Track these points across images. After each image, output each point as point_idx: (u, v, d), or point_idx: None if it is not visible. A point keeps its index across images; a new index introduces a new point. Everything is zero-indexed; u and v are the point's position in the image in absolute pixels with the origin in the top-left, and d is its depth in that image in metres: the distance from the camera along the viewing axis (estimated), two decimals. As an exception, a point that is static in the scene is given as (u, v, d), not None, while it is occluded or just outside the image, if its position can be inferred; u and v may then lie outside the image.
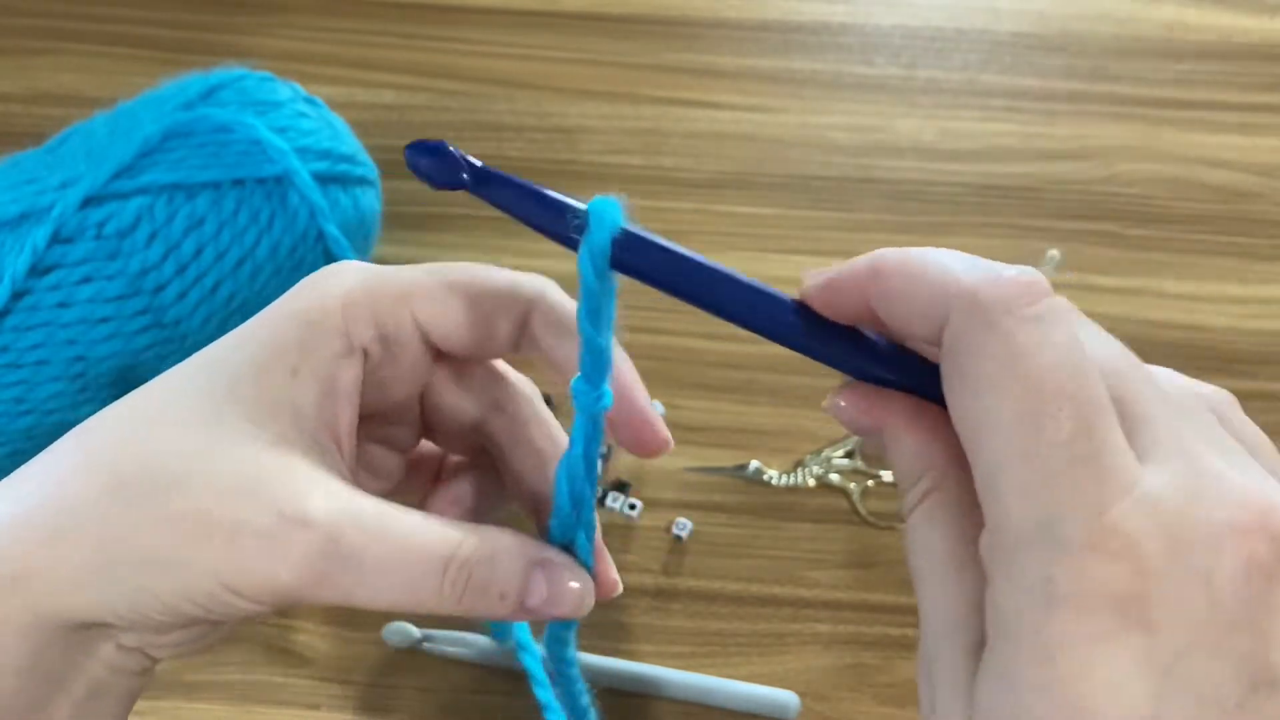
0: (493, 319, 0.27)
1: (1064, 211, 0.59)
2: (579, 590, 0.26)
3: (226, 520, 0.23)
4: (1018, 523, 0.19)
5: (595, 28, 0.66)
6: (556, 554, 0.26)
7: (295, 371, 0.25)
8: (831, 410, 0.25)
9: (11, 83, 0.62)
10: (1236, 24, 0.66)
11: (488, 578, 0.24)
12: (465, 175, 0.24)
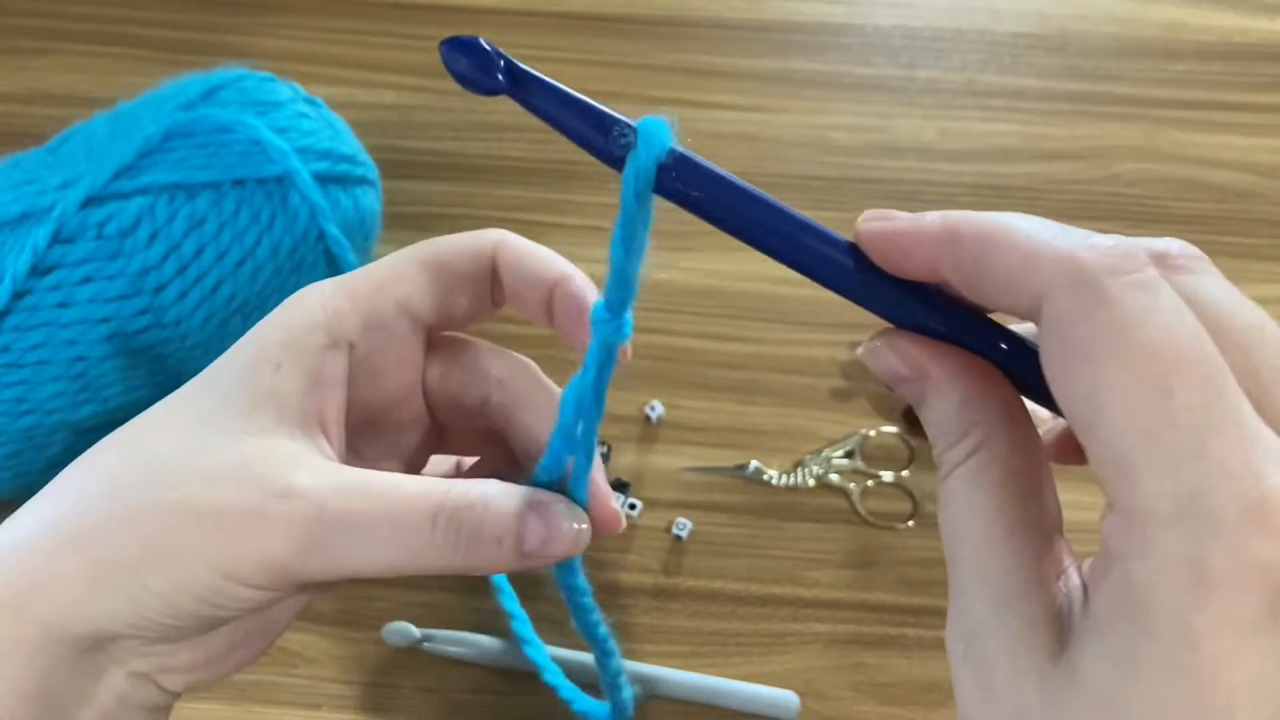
0: (464, 280, 0.28)
1: (1064, 211, 0.59)
2: (575, 527, 0.26)
3: (213, 506, 0.23)
4: (1157, 498, 0.18)
5: (595, 28, 0.66)
6: (548, 495, 0.26)
7: (279, 366, 0.25)
8: (869, 355, 0.24)
9: (12, 83, 0.62)
10: (1236, 24, 0.66)
11: (479, 523, 0.24)
12: (501, 77, 0.23)
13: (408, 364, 0.28)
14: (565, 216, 0.58)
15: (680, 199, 0.23)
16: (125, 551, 0.23)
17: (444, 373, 0.29)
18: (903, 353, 0.23)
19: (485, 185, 0.59)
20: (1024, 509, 0.21)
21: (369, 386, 0.27)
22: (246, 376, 0.25)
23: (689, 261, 0.57)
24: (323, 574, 0.24)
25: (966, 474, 0.22)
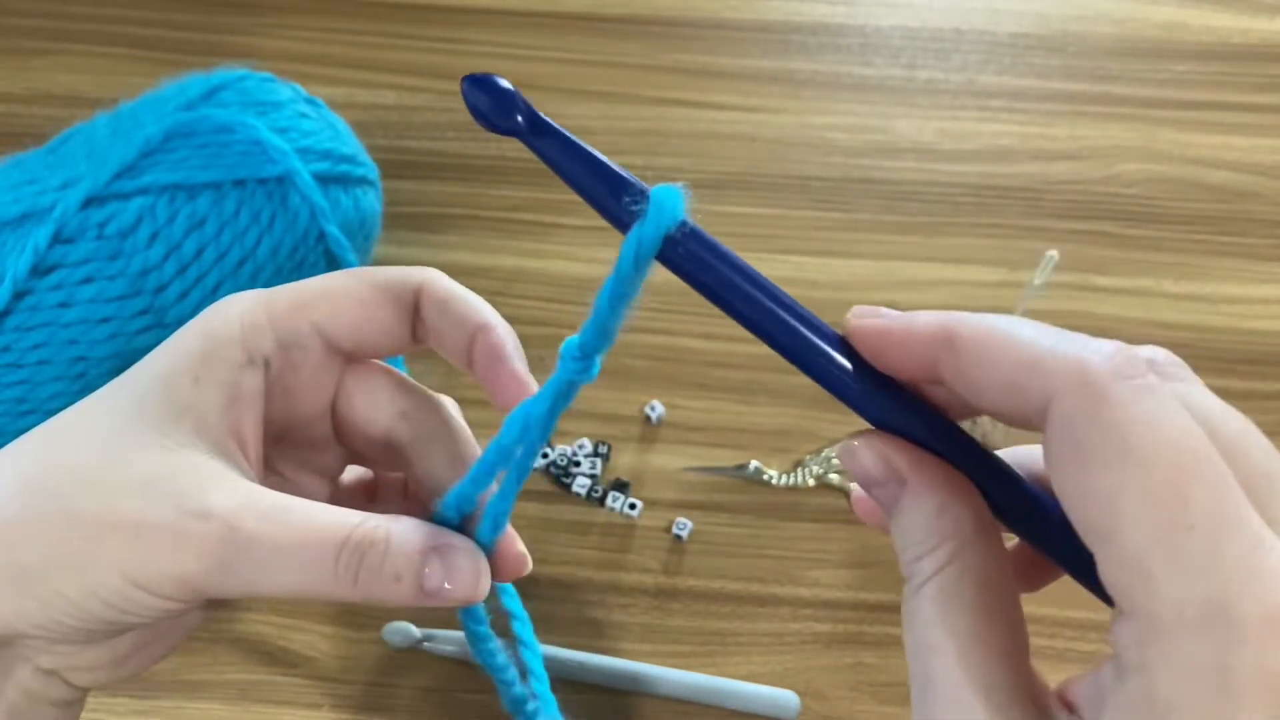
0: (385, 312, 0.28)
1: (1063, 212, 0.59)
2: (476, 575, 0.26)
3: (129, 517, 0.24)
4: (1179, 605, 0.18)
5: (595, 28, 0.66)
6: (456, 537, 0.26)
7: (197, 380, 0.26)
8: (845, 455, 0.23)
9: (12, 83, 0.62)
10: (1235, 24, 0.66)
11: (380, 560, 0.25)
12: (521, 119, 0.23)
13: (322, 386, 0.28)
14: (565, 217, 0.58)
15: (678, 271, 0.23)
16: (38, 555, 0.24)
17: (350, 400, 0.29)
18: (882, 455, 0.23)
19: (485, 185, 0.59)
20: (999, 625, 0.21)
21: (283, 404, 0.28)
22: (166, 387, 0.26)
23: (689, 262, 0.57)
24: (230, 592, 0.24)
25: (940, 586, 0.21)
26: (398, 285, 0.28)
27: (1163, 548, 0.18)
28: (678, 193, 0.22)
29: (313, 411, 0.29)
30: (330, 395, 0.29)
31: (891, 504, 0.23)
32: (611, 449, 0.51)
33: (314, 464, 0.30)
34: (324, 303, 0.27)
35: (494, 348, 0.28)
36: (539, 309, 0.55)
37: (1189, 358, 0.21)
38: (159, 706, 0.44)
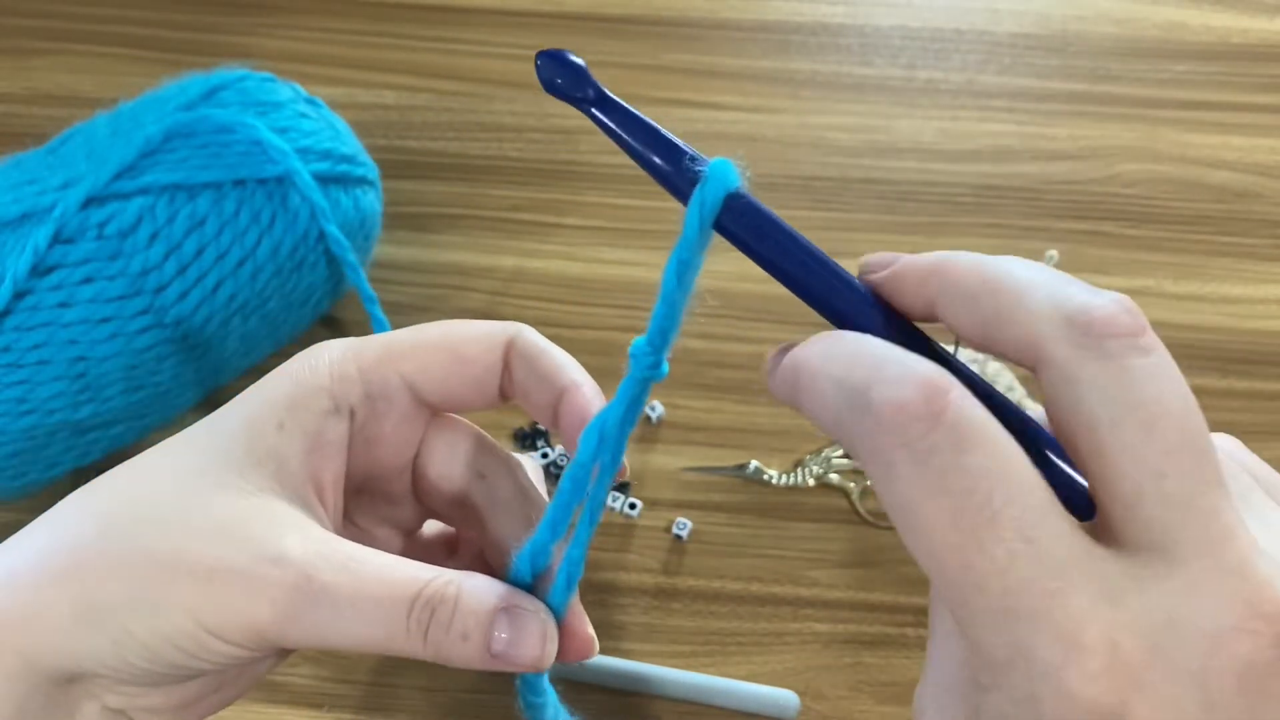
0: (475, 367, 0.28)
1: (1063, 212, 0.59)
2: (541, 638, 0.25)
3: (203, 560, 0.24)
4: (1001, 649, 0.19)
5: (595, 28, 0.66)
6: (527, 599, 0.26)
7: (282, 426, 0.26)
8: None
9: (12, 83, 0.62)
10: (1235, 25, 0.66)
11: (449, 617, 0.24)
12: (591, 92, 0.24)
13: (405, 440, 0.28)
14: (565, 217, 0.58)
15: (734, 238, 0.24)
16: (112, 594, 0.23)
17: (431, 456, 0.29)
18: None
19: (485, 185, 0.59)
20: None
21: (365, 455, 0.28)
22: (250, 431, 0.25)
23: (689, 261, 0.57)
24: (300, 642, 0.24)
25: None
26: (488, 340, 0.28)
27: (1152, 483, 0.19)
28: (731, 165, 0.23)
29: (395, 464, 0.29)
30: (413, 449, 0.29)
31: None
32: (611, 449, 0.51)
33: (392, 518, 0.30)
34: (414, 355, 0.27)
35: (580, 408, 0.27)
36: (539, 309, 0.55)
37: (1189, 357, 0.21)
38: (159, 706, 0.44)
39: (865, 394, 0.20)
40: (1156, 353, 0.20)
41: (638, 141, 0.24)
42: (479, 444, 0.30)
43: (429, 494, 0.30)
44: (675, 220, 0.66)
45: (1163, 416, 0.19)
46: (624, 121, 0.24)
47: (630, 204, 0.59)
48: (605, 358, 0.54)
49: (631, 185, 0.59)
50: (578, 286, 0.56)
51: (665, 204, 0.60)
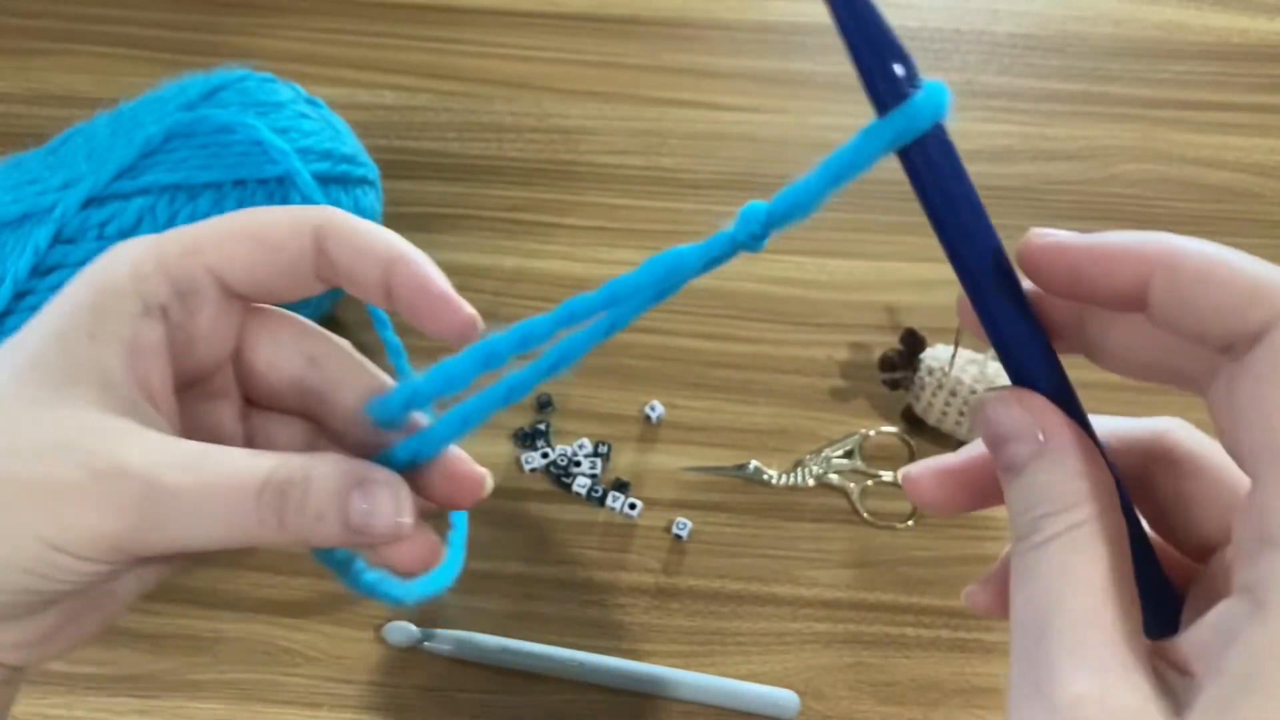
0: (282, 253, 0.26)
1: (1063, 212, 0.59)
2: (395, 506, 0.25)
3: (41, 481, 0.23)
4: None
5: (595, 28, 0.66)
6: (379, 471, 0.25)
7: (93, 336, 0.25)
8: (988, 406, 0.23)
9: (13, 83, 0.62)
10: (1234, 25, 0.66)
11: (302, 499, 0.24)
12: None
13: (223, 335, 0.27)
14: (565, 217, 0.58)
15: (912, 168, 0.23)
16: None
17: (254, 348, 0.28)
18: (1030, 409, 0.23)
19: (485, 185, 0.59)
20: (1125, 590, 0.21)
21: (187, 354, 0.27)
22: (61, 347, 0.25)
23: (689, 262, 0.57)
24: (156, 548, 0.24)
25: (1072, 541, 0.21)
26: (295, 224, 0.27)
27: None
28: (948, 94, 0.21)
29: (216, 360, 0.28)
30: (233, 343, 0.28)
31: (1019, 462, 0.22)
32: (611, 449, 0.51)
33: (227, 416, 0.29)
34: (218, 246, 0.26)
35: (416, 276, 0.26)
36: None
37: (1188, 358, 0.22)
38: (160, 706, 0.45)
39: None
40: None
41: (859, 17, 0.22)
42: (302, 330, 0.29)
43: (262, 387, 0.29)
44: (673, 222, 0.66)
45: None
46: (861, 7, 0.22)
47: (630, 204, 0.59)
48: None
49: (631, 185, 0.59)
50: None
51: (665, 204, 0.60)
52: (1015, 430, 0.22)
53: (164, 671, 0.45)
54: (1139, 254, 0.22)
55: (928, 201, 0.23)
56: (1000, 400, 0.23)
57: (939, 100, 0.21)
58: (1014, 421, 0.23)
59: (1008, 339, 0.23)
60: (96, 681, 0.45)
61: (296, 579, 0.47)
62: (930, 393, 0.49)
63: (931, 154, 0.22)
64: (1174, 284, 0.21)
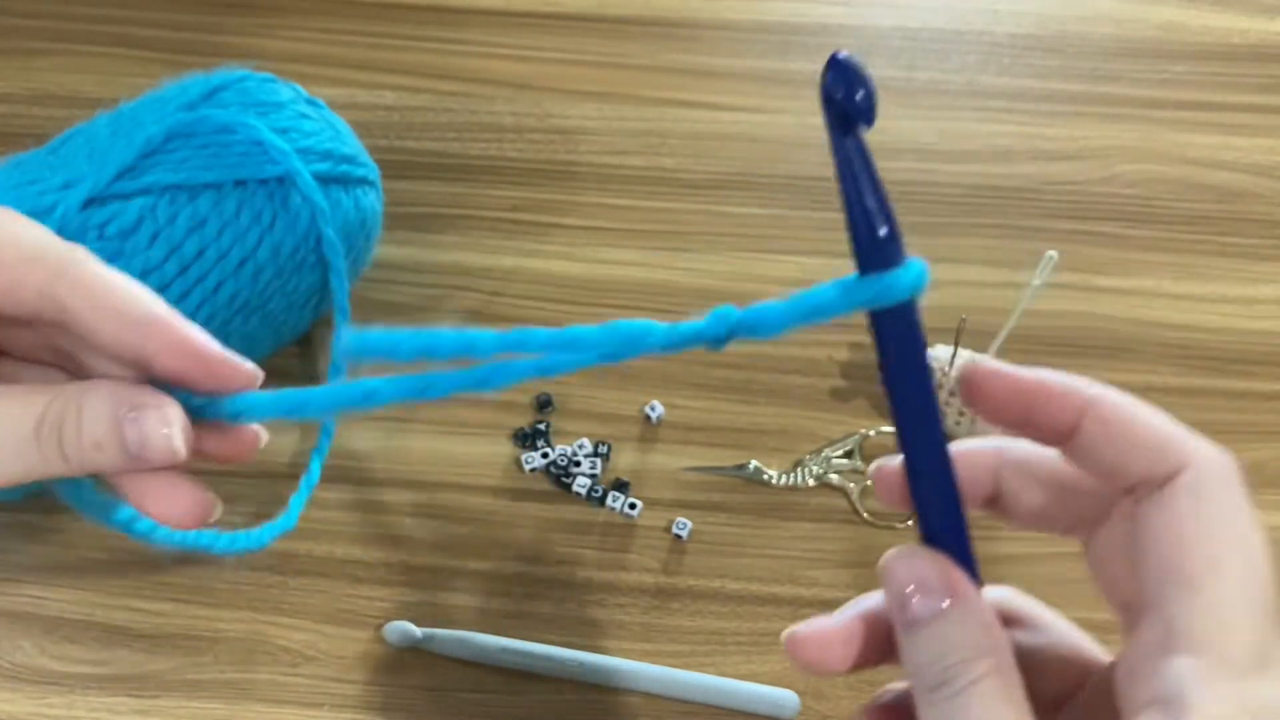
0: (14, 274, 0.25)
1: (1063, 212, 0.59)
2: (168, 428, 0.25)
3: None
4: (1252, 650, 0.21)
5: (595, 29, 0.66)
6: (150, 395, 0.25)
7: None
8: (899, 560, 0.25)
9: (13, 83, 0.62)
10: (1234, 25, 0.66)
11: (77, 430, 0.24)
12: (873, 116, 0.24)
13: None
14: (565, 217, 0.58)
15: (878, 332, 0.24)
16: None
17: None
18: (942, 567, 0.24)
19: (485, 185, 0.59)
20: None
21: None
22: None
23: (689, 262, 0.57)
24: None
25: (989, 688, 0.23)
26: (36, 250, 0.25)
27: (1244, 604, 0.22)
28: (927, 275, 0.23)
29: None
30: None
31: (926, 615, 0.24)
32: (611, 449, 0.51)
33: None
34: None
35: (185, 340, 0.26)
36: (539, 309, 0.55)
37: (1188, 358, 0.22)
38: (160, 705, 0.45)
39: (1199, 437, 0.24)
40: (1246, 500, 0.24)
41: (863, 186, 0.24)
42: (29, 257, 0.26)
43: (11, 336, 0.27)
44: (673, 221, 0.66)
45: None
46: (863, 160, 0.24)
47: (630, 204, 0.59)
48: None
49: (631, 185, 0.59)
50: (578, 286, 0.56)
51: (665, 204, 0.60)
52: (926, 584, 0.24)
53: (163, 671, 0.45)
54: (1077, 393, 0.25)
55: (886, 367, 0.24)
56: (911, 556, 0.25)
57: (920, 280, 0.22)
58: (925, 577, 0.24)
59: (929, 502, 0.25)
60: (96, 681, 0.45)
61: (297, 579, 0.47)
62: (930, 393, 0.49)
63: (900, 325, 0.23)
64: (1105, 423, 0.24)
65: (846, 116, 0.24)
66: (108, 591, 0.47)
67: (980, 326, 0.51)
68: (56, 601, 0.47)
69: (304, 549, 0.48)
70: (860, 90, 0.23)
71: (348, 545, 0.48)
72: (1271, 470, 0.51)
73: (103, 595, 0.47)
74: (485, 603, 0.47)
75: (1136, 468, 0.24)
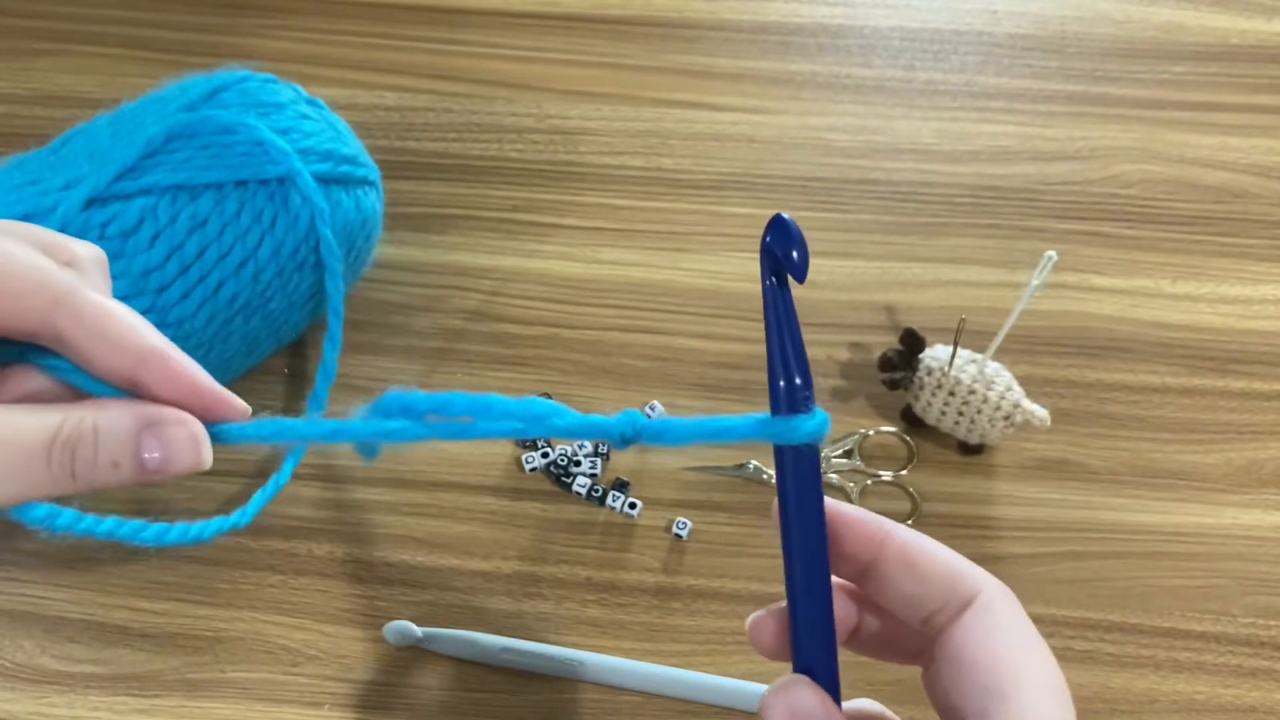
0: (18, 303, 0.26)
1: (1062, 212, 0.59)
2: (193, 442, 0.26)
3: None
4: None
5: (595, 29, 0.66)
6: (168, 412, 0.26)
7: None
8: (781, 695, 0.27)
9: (14, 84, 0.62)
10: (1233, 26, 0.67)
11: (93, 450, 0.25)
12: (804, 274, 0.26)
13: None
14: (565, 217, 0.58)
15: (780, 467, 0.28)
16: None
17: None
18: (823, 703, 0.27)
19: (485, 185, 0.60)
20: None
21: None
22: None
23: (689, 262, 0.57)
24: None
25: None
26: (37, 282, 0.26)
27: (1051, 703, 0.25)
28: (829, 427, 0.27)
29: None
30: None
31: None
32: (611, 449, 0.51)
33: None
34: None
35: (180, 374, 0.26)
36: (539, 309, 0.55)
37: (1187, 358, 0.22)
38: (161, 705, 0.45)
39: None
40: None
41: (785, 336, 0.28)
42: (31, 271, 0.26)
43: None
44: (674, 221, 0.66)
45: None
46: (788, 313, 0.28)
47: (630, 204, 0.59)
48: (605, 357, 0.55)
49: (631, 186, 0.60)
50: (577, 286, 0.56)
51: (665, 204, 0.60)
52: (809, 716, 0.26)
53: (165, 671, 0.45)
54: (875, 527, 0.28)
55: (784, 503, 0.27)
56: (793, 689, 0.27)
57: (821, 429, 0.27)
58: (809, 710, 0.27)
59: (810, 634, 0.27)
60: (97, 681, 0.45)
61: (297, 579, 0.48)
62: (930, 392, 0.49)
63: (801, 465, 0.27)
64: (902, 556, 0.28)
65: (781, 271, 0.27)
66: (108, 591, 0.47)
67: (980, 326, 0.51)
68: (57, 601, 0.47)
69: (304, 549, 0.48)
70: (796, 250, 0.26)
71: (348, 545, 0.48)
72: (1271, 470, 0.51)
73: (103, 595, 0.47)
74: (485, 603, 0.47)
75: (931, 598, 0.27)
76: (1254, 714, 0.45)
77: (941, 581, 0.27)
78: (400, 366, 0.53)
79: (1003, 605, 0.27)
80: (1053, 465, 0.51)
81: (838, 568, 0.29)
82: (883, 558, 0.28)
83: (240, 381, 0.52)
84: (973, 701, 0.26)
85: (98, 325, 0.26)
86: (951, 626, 0.27)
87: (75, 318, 0.26)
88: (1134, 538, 0.49)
